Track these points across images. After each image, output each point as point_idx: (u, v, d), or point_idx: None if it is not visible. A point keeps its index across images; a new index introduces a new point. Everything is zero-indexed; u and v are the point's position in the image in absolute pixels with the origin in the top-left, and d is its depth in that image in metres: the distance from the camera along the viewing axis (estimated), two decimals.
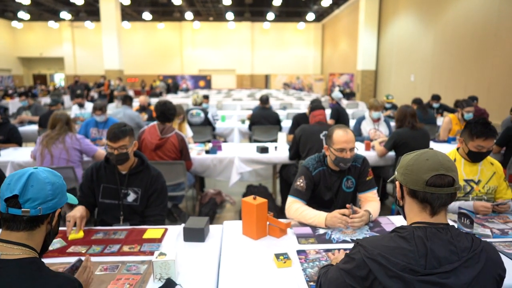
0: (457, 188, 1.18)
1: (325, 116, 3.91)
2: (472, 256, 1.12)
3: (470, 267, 1.11)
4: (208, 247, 1.93)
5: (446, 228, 1.17)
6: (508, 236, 2.03)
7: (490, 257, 1.14)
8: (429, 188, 1.17)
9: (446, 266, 1.09)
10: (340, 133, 2.26)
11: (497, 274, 1.14)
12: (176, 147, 3.64)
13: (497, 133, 2.48)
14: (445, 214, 1.21)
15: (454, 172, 1.19)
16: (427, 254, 1.10)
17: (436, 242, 1.13)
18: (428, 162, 1.19)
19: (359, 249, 1.19)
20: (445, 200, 1.18)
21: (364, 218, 2.05)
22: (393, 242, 1.16)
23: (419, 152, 1.25)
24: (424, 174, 1.18)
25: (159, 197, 2.40)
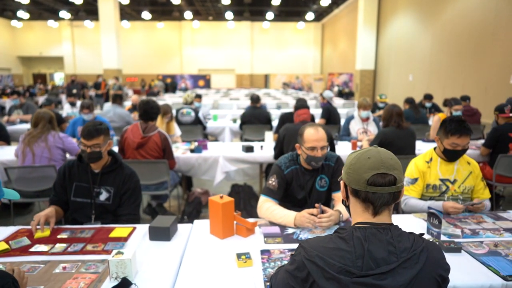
0: (399, 187, 1.16)
1: (309, 115, 3.89)
2: (411, 257, 1.09)
3: (409, 268, 1.08)
4: (173, 246, 1.91)
5: (388, 228, 1.15)
6: (479, 236, 2.00)
7: (431, 257, 1.12)
8: (370, 187, 1.15)
9: (383, 267, 1.07)
10: (311, 132, 2.24)
11: (437, 274, 1.11)
12: (158, 146, 3.63)
13: (471, 131, 2.45)
14: (388, 213, 1.19)
15: (397, 171, 1.16)
16: (364, 255, 1.08)
17: (375, 242, 1.10)
18: (370, 161, 1.17)
19: (300, 251, 1.17)
20: (387, 199, 1.15)
21: (333, 218, 2.03)
22: (332, 243, 1.13)
23: (363, 150, 1.22)
24: (365, 173, 1.16)
25: (132, 196, 2.39)
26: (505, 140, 3.94)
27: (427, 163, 2.55)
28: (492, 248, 1.85)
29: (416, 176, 2.53)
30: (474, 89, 11.01)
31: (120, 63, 16.61)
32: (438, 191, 2.50)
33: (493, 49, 10.45)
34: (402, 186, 1.17)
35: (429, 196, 2.53)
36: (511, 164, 3.87)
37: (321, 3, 18.56)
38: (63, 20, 22.81)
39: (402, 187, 1.17)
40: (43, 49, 23.98)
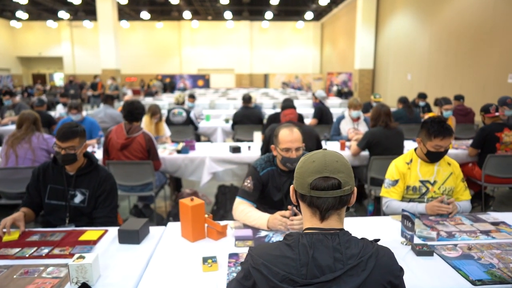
0: (346, 190, 1.12)
1: (296, 115, 3.86)
2: (358, 263, 1.05)
3: (355, 275, 1.05)
4: (142, 249, 1.88)
5: (336, 234, 1.11)
6: (454, 239, 1.97)
7: (380, 263, 1.08)
8: (313, 191, 1.12)
9: (328, 275, 1.04)
10: (286, 133, 2.21)
11: (386, 281, 1.07)
12: (143, 147, 3.60)
13: (453, 131, 2.41)
14: (337, 218, 1.15)
15: (342, 174, 1.12)
16: (308, 262, 1.05)
17: (321, 249, 1.07)
18: (314, 164, 1.14)
19: (248, 258, 1.14)
20: (333, 203, 1.12)
21: None
22: (278, 251, 1.10)
23: (310, 153, 1.19)
24: (308, 177, 1.13)
25: (107, 198, 2.36)
26: (492, 140, 3.89)
27: (407, 164, 2.51)
28: (466, 251, 1.82)
29: (397, 177, 2.50)
30: (472, 88, 10.96)
31: (118, 63, 16.60)
32: (418, 192, 2.46)
33: (491, 48, 10.40)
34: (350, 190, 1.13)
35: (409, 198, 2.50)
36: (499, 164, 3.83)
37: (320, 2, 18.51)
38: (62, 20, 22.84)
39: (349, 190, 1.13)
40: (42, 50, 24.02)
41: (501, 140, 3.89)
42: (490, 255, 1.77)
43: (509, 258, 1.73)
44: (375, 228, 2.14)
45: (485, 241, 1.93)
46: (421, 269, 1.67)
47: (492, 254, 1.78)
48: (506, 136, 3.90)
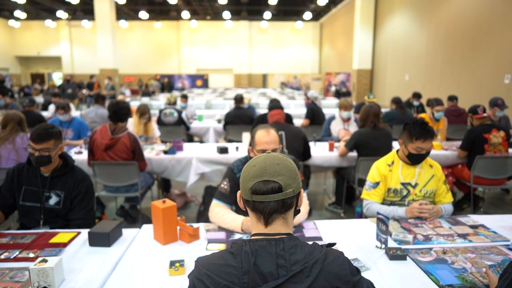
0: (288, 193, 1.08)
1: (283, 116, 3.83)
2: (302, 270, 1.02)
3: (299, 282, 1.01)
4: (112, 252, 1.86)
5: (281, 239, 1.07)
6: (430, 242, 1.94)
7: (327, 269, 1.04)
8: (255, 196, 1.08)
9: (270, 283, 1.00)
10: (262, 134, 2.18)
11: (333, 287, 1.04)
12: (128, 148, 3.57)
13: (435, 133, 2.38)
14: (283, 222, 1.12)
15: (283, 176, 1.09)
16: (250, 270, 1.02)
17: (264, 256, 1.03)
18: (254, 169, 1.11)
19: (194, 268, 1.11)
20: (275, 207, 1.08)
21: None
22: (222, 259, 1.07)
23: (253, 158, 1.17)
24: (249, 182, 1.10)
25: (83, 200, 2.33)
26: (481, 141, 3.86)
27: (388, 166, 2.48)
28: (440, 255, 1.79)
29: (378, 180, 2.47)
30: (469, 88, 10.94)
31: (116, 63, 16.58)
32: (399, 195, 2.43)
33: (488, 49, 10.38)
34: (293, 192, 1.10)
35: (390, 201, 2.47)
36: (488, 165, 3.80)
37: (318, 2, 18.48)
38: (60, 20, 22.82)
39: (292, 193, 1.10)
40: (41, 49, 24.00)
41: (489, 141, 3.86)
42: (464, 259, 1.74)
43: (482, 262, 1.70)
44: (353, 231, 2.11)
45: (461, 245, 1.90)
46: (392, 274, 1.64)
47: (467, 258, 1.75)
48: (494, 137, 3.87)
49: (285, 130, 3.66)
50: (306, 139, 3.79)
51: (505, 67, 9.69)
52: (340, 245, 1.91)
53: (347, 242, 1.95)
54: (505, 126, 4.10)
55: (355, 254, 1.80)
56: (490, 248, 1.84)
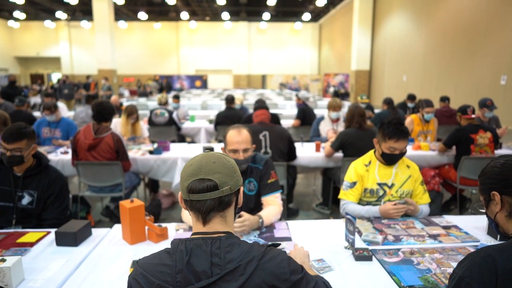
0: (224, 191, 1.09)
1: (267, 116, 3.82)
2: (236, 268, 1.02)
3: (233, 280, 1.01)
4: (78, 252, 1.85)
5: (217, 238, 1.07)
6: (400, 243, 1.92)
7: (263, 267, 1.04)
8: (191, 195, 1.09)
9: (203, 282, 1.00)
10: (233, 134, 2.17)
11: (269, 285, 1.03)
12: (111, 147, 3.56)
13: (409, 134, 2.37)
14: (221, 221, 1.12)
15: (219, 174, 1.09)
16: (183, 269, 1.02)
17: (198, 254, 1.03)
18: (191, 168, 1.12)
19: (133, 268, 1.11)
20: (212, 205, 1.09)
21: (247, 223, 1.95)
22: (158, 259, 1.07)
23: (192, 158, 1.18)
24: (185, 181, 1.11)
25: (56, 200, 2.33)
26: (467, 141, 3.84)
27: (365, 166, 2.47)
28: (407, 256, 1.77)
29: (355, 180, 2.45)
30: (466, 90, 10.92)
31: (114, 64, 16.60)
32: (375, 195, 2.42)
33: (485, 50, 10.37)
34: (230, 190, 1.11)
35: (367, 201, 2.45)
36: (474, 166, 3.78)
37: (317, 3, 18.47)
38: (59, 21, 22.87)
39: (229, 190, 1.10)
40: (40, 50, 24.06)
41: (476, 142, 3.84)
42: (430, 260, 1.72)
43: (448, 263, 1.69)
44: (326, 231, 2.09)
45: (430, 246, 1.88)
46: (356, 274, 1.63)
47: (433, 259, 1.73)
48: (481, 138, 3.85)
49: (269, 130, 3.65)
50: (291, 139, 3.78)
51: (502, 68, 9.67)
52: (308, 245, 1.89)
53: (316, 242, 1.94)
54: (492, 127, 4.07)
55: (321, 255, 1.79)
56: (458, 249, 1.83)
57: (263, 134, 3.63)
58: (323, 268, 1.65)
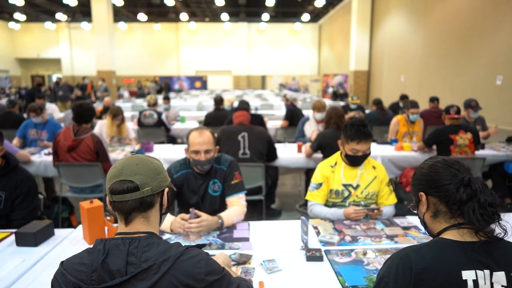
0: (145, 192, 1.12)
1: (247, 117, 3.84)
2: (150, 267, 1.04)
3: (146, 278, 1.04)
4: (36, 252, 1.87)
5: (137, 238, 1.10)
6: (355, 244, 1.94)
7: (178, 267, 1.06)
8: (113, 196, 1.12)
9: (116, 280, 1.03)
10: (195, 135, 2.20)
11: (183, 284, 1.05)
12: (91, 149, 3.59)
13: (371, 136, 2.38)
14: (144, 221, 1.15)
15: (140, 175, 1.13)
16: (98, 268, 1.04)
17: (115, 254, 1.06)
18: (114, 170, 1.15)
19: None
20: (133, 206, 1.12)
21: (204, 224, 1.97)
22: (79, 258, 1.10)
23: (117, 160, 1.21)
24: (108, 183, 1.14)
25: (24, 201, 2.35)
26: (447, 141, 3.85)
27: (331, 167, 2.49)
28: (360, 256, 1.79)
29: (321, 181, 2.47)
30: (462, 90, 10.89)
31: (114, 65, 16.67)
32: (340, 196, 2.43)
33: (480, 50, 10.35)
34: (152, 191, 1.14)
35: (332, 202, 2.47)
36: None
37: (316, 4, 18.47)
38: (60, 22, 23.01)
39: (150, 191, 1.13)
40: (41, 51, 24.22)
41: (455, 143, 3.84)
42: (381, 260, 1.74)
43: None
44: (287, 232, 2.10)
45: (384, 246, 1.90)
46: (304, 274, 1.65)
47: (384, 259, 1.74)
48: (461, 139, 3.85)
49: (248, 131, 3.67)
50: (270, 140, 3.80)
51: (497, 68, 9.65)
52: (263, 246, 1.92)
53: (274, 243, 1.96)
54: (474, 128, 4.07)
55: (274, 255, 1.80)
56: None
57: (241, 135, 3.65)
58: (271, 268, 1.67)
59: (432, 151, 4.24)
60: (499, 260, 1.07)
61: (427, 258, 1.08)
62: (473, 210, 1.09)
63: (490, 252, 1.09)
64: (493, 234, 1.10)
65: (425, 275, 1.06)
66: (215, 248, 1.89)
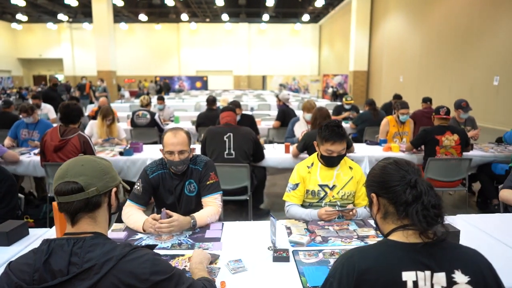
0: (90, 192, 1.14)
1: (233, 118, 3.86)
2: (91, 267, 1.06)
3: (87, 278, 1.06)
4: (8, 251, 1.89)
5: (82, 238, 1.12)
6: (325, 244, 1.95)
7: (121, 267, 1.07)
8: (59, 197, 1.15)
9: (56, 280, 1.05)
10: (169, 136, 2.22)
11: (125, 284, 1.07)
12: (77, 149, 3.62)
13: (345, 137, 2.39)
14: (90, 221, 1.17)
15: (85, 176, 1.15)
16: (40, 268, 1.06)
17: (58, 254, 1.08)
18: (59, 171, 1.18)
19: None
20: (79, 207, 1.15)
21: (175, 224, 1.98)
22: (25, 258, 1.12)
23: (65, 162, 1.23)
24: (54, 184, 1.17)
25: (3, 200, 2.38)
26: (433, 142, 3.85)
27: (308, 168, 2.50)
28: (327, 257, 1.80)
29: (297, 181, 2.48)
30: (460, 90, 10.88)
31: (114, 65, 16.75)
32: (317, 197, 2.44)
33: (478, 51, 10.33)
34: (98, 191, 1.15)
35: (309, 202, 2.48)
36: (439, 168, 3.79)
37: (316, 4, 18.48)
38: (61, 23, 23.14)
39: (96, 192, 1.15)
40: (43, 51, 24.36)
41: (441, 143, 3.84)
42: None
43: None
44: (260, 232, 2.11)
45: (352, 247, 1.90)
46: (268, 275, 1.66)
47: None
48: (447, 140, 3.85)
49: (234, 131, 3.69)
50: (256, 141, 3.81)
51: (494, 69, 9.63)
52: (234, 246, 1.94)
53: (244, 243, 1.97)
54: (461, 129, 4.06)
55: (242, 255, 1.81)
56: None
57: (227, 135, 3.67)
58: (236, 268, 1.69)
59: (420, 151, 4.24)
60: (440, 261, 1.08)
61: (370, 259, 1.10)
62: (416, 212, 1.10)
63: (432, 253, 1.09)
64: (436, 236, 1.11)
65: (366, 275, 1.07)
66: (185, 248, 1.90)
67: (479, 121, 9.53)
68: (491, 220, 2.30)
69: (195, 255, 1.63)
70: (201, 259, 1.61)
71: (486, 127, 8.72)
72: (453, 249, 1.12)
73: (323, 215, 2.24)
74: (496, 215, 2.42)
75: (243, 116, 5.22)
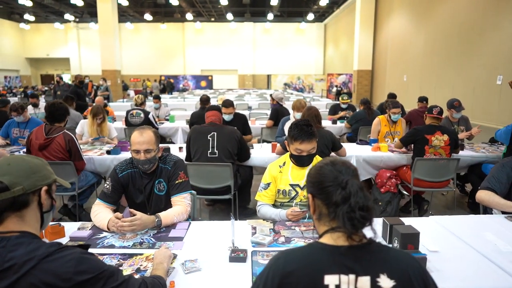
0: (15, 192, 1.13)
1: (218, 117, 3.85)
2: (11, 266, 1.06)
3: (6, 278, 1.05)
4: None
5: (6, 237, 1.12)
6: (288, 245, 1.93)
7: (43, 267, 1.07)
8: None
9: None
10: (136, 135, 2.22)
11: (45, 284, 1.06)
12: (62, 147, 3.64)
13: (315, 136, 2.36)
14: (18, 221, 1.16)
15: (9, 176, 1.15)
16: None
17: None
18: None
19: None
20: (5, 206, 1.14)
21: (138, 223, 1.98)
22: None
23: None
24: None
25: None
26: (422, 142, 3.79)
27: (280, 167, 2.48)
28: None
29: (269, 181, 2.47)
30: (463, 90, 10.74)
31: (119, 64, 16.85)
32: (287, 196, 2.43)
33: (481, 50, 10.20)
34: (24, 190, 1.15)
35: (280, 202, 2.46)
36: (427, 168, 3.73)
37: (320, 3, 18.39)
38: (68, 22, 23.38)
39: (22, 191, 1.15)
40: (50, 51, 24.65)
41: (430, 143, 3.79)
42: None
43: None
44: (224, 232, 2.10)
45: None
46: (221, 275, 1.65)
47: None
48: (436, 140, 3.79)
49: (218, 131, 3.68)
50: (241, 140, 3.80)
51: (498, 68, 9.49)
52: (194, 246, 1.93)
53: (206, 243, 1.96)
54: (452, 130, 4.00)
55: (198, 255, 1.80)
56: None
57: (211, 134, 3.66)
58: (190, 268, 1.68)
59: (410, 151, 4.18)
60: (365, 265, 1.05)
61: (295, 261, 1.08)
62: (342, 213, 1.08)
63: (359, 256, 1.07)
64: (364, 238, 1.09)
65: (289, 278, 1.05)
66: (146, 247, 1.90)
67: (482, 120, 9.40)
68: (465, 222, 2.26)
69: (157, 255, 1.63)
70: (162, 259, 1.61)
71: (488, 126, 8.59)
72: (381, 253, 1.09)
73: (289, 215, 2.22)
74: (470, 216, 2.37)
75: (236, 115, 5.20)
